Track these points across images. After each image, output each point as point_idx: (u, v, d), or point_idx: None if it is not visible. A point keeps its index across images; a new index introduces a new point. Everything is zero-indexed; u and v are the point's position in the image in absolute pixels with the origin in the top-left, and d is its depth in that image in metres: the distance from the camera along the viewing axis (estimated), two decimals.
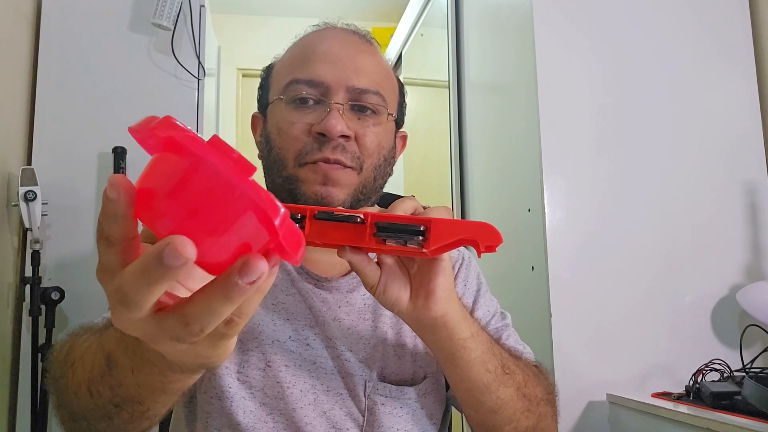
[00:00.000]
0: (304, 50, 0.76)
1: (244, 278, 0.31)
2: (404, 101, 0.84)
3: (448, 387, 0.79)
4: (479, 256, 0.53)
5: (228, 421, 0.71)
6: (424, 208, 0.57)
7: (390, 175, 0.80)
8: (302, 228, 0.52)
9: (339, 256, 0.54)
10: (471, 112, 1.84)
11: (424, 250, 0.51)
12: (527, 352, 0.80)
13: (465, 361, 0.63)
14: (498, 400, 0.66)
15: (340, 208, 0.55)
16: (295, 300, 0.75)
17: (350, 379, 0.73)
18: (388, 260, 0.58)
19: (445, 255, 0.56)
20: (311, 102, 0.73)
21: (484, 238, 0.51)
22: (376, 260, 0.58)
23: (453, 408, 0.83)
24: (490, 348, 0.65)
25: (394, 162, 0.81)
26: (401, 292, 0.58)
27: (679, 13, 1.46)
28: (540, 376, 0.74)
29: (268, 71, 0.81)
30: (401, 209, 0.54)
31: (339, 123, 0.70)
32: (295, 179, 0.73)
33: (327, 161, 0.71)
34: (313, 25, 0.80)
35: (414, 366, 0.76)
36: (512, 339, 0.80)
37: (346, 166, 0.72)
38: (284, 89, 0.74)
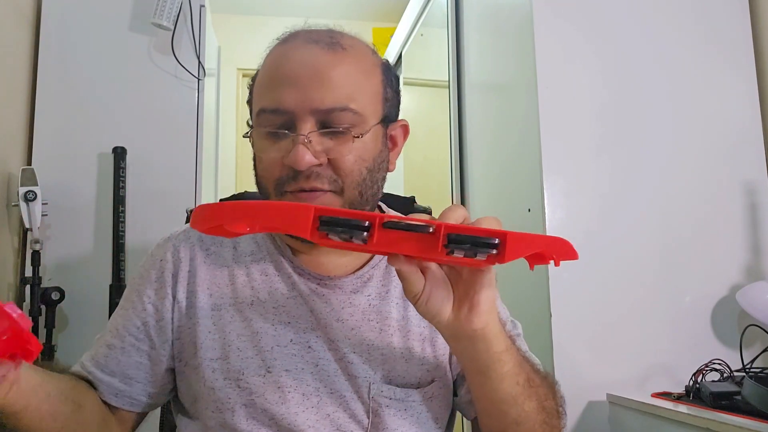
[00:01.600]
0: (269, 72, 0.72)
1: None
2: (394, 93, 0.77)
3: (455, 393, 0.79)
4: (557, 264, 0.53)
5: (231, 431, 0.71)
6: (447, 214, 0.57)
7: (386, 172, 0.77)
8: (370, 235, 0.50)
9: (389, 263, 0.54)
10: (471, 112, 1.84)
11: (495, 264, 0.50)
12: (536, 362, 0.80)
13: (498, 373, 0.63)
14: (523, 413, 0.67)
15: (413, 216, 0.53)
16: (296, 302, 0.75)
17: (354, 381, 0.73)
18: (433, 268, 0.57)
19: (491, 266, 0.55)
20: (280, 131, 0.70)
21: (559, 254, 0.50)
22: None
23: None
24: (519, 361, 0.66)
25: (388, 162, 0.77)
26: (444, 303, 0.57)
27: (678, 14, 1.46)
28: (553, 389, 0.74)
29: (252, 84, 0.78)
30: (454, 218, 0.53)
31: (305, 155, 0.67)
32: None
33: (302, 191, 0.69)
34: (283, 33, 0.76)
35: (421, 369, 0.75)
36: (522, 349, 0.80)
37: (325, 191, 0.70)
38: (256, 118, 0.72)
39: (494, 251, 0.50)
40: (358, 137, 0.70)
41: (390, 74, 0.77)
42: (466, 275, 0.57)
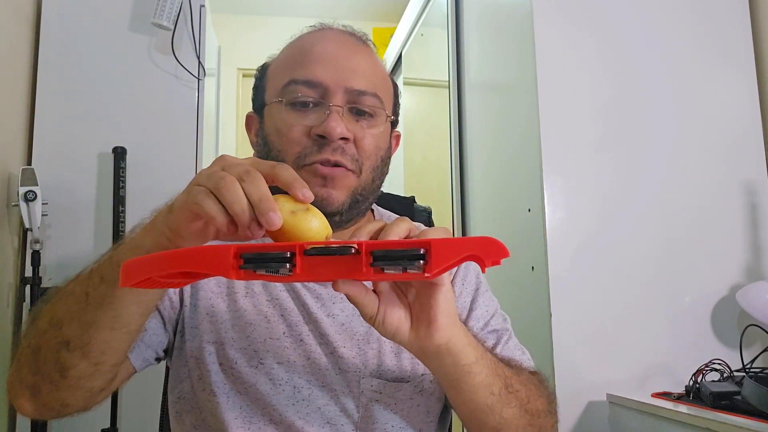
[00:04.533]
0: (301, 51, 0.76)
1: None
2: (398, 102, 0.84)
3: None
4: (483, 272, 0.51)
5: (222, 419, 0.71)
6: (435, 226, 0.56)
7: (388, 169, 0.81)
8: (293, 265, 0.48)
9: (334, 290, 0.53)
10: (471, 112, 1.84)
11: (426, 275, 0.48)
12: (526, 357, 0.80)
13: (470, 385, 0.62)
14: (501, 420, 0.66)
15: (332, 240, 0.52)
16: (288, 296, 0.76)
17: (344, 375, 0.73)
18: (385, 288, 0.56)
19: (445, 279, 0.54)
20: (310, 104, 0.73)
21: (488, 254, 0.48)
22: (372, 288, 0.56)
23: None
24: (494, 369, 0.65)
25: (390, 161, 0.82)
26: (401, 322, 0.56)
27: (679, 13, 1.46)
28: (541, 387, 0.74)
29: (262, 71, 0.81)
30: (395, 233, 0.52)
31: (339, 125, 0.71)
32: None
33: (327, 162, 0.71)
34: (310, 26, 0.80)
35: (411, 363, 0.76)
36: (512, 343, 0.80)
37: (346, 169, 0.73)
38: (282, 90, 0.74)
39: (422, 262, 0.48)
40: (382, 123, 0.76)
41: (396, 86, 0.83)
42: (418, 290, 0.56)
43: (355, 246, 0.48)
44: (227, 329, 0.74)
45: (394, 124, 0.82)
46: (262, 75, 0.81)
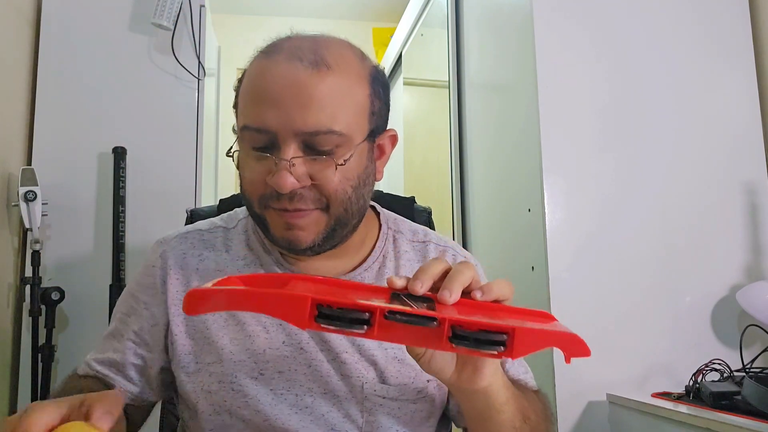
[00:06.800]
0: (251, 85, 0.70)
1: None
2: (383, 103, 0.75)
3: (448, 401, 0.79)
4: (567, 362, 0.51)
5: None
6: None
7: (373, 185, 0.76)
8: (371, 325, 0.48)
9: None
10: (471, 112, 1.84)
11: (504, 359, 0.49)
12: (529, 377, 0.81)
13: (497, 421, 0.64)
14: None
15: (414, 308, 0.50)
16: None
17: (347, 380, 0.73)
18: None
19: None
20: (262, 154, 0.69)
21: (571, 351, 0.48)
22: None
23: None
24: (519, 406, 0.66)
25: (375, 174, 0.76)
26: (447, 363, 0.57)
27: (679, 13, 1.46)
28: (546, 412, 0.75)
29: (237, 89, 0.76)
30: (459, 283, 0.52)
31: (287, 180, 0.66)
32: (263, 220, 0.72)
33: (286, 211, 0.69)
34: (268, 43, 0.74)
35: (415, 370, 0.75)
36: (517, 362, 0.80)
37: (311, 210, 0.69)
38: (241, 133, 0.71)
39: (501, 348, 0.48)
40: (342, 164, 0.68)
41: (378, 84, 0.73)
42: None
43: (438, 319, 0.48)
44: (225, 344, 0.74)
45: (380, 130, 0.75)
46: (236, 94, 0.76)
